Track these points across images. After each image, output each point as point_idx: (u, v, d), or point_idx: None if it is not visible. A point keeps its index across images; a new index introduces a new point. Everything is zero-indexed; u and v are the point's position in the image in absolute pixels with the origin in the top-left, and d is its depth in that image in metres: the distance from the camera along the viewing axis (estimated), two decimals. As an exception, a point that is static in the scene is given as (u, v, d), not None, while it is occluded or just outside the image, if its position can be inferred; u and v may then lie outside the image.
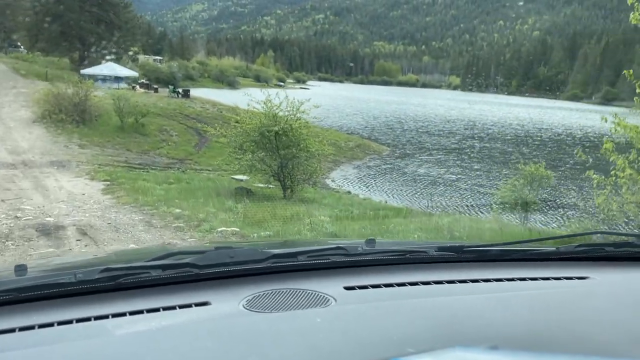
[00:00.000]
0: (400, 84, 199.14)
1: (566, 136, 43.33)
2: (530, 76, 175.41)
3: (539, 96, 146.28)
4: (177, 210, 7.93)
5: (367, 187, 17.16)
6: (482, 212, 13.75)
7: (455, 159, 26.90)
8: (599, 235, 2.33)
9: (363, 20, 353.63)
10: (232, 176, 15.66)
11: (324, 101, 60.06)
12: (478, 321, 1.07)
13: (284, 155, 9.92)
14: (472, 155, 28.90)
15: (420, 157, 26.48)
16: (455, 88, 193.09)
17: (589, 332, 1.06)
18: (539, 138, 40.77)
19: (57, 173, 12.46)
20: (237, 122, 11.03)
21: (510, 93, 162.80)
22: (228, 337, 0.96)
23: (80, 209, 8.22)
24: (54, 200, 9.01)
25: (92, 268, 1.16)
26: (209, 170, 16.59)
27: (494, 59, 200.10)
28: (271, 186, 13.47)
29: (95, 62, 38.68)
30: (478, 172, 22.97)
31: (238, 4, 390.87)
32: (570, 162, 29.11)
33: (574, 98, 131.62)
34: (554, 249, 1.54)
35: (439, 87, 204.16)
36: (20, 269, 1.20)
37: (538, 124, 55.01)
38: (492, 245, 1.52)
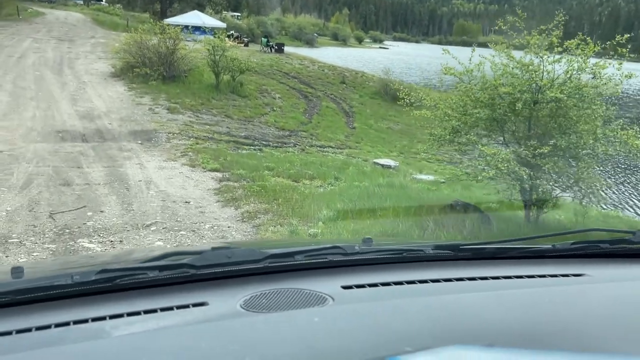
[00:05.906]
0: (481, 45, 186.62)
1: None
2: (631, 38, 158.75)
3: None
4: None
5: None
6: None
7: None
8: (594, 232, 2.03)
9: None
10: (375, 160, 11.33)
11: (412, 61, 54.77)
12: (475, 319, 1.05)
13: (565, 148, 5.22)
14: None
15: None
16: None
17: (586, 329, 1.05)
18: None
19: (141, 152, 8.61)
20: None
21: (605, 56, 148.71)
22: (226, 338, 0.95)
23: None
24: (138, 220, 5.04)
25: (89, 269, 1.14)
26: (332, 148, 12.36)
27: (586, 18, 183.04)
28: (467, 187, 8.88)
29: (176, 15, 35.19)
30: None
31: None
32: None
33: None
34: (550, 246, 1.51)
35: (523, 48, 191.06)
36: (17, 271, 1.16)
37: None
38: (488, 243, 1.48)
